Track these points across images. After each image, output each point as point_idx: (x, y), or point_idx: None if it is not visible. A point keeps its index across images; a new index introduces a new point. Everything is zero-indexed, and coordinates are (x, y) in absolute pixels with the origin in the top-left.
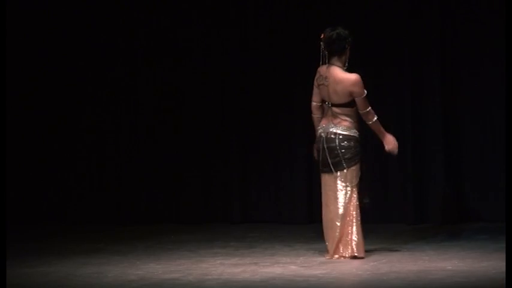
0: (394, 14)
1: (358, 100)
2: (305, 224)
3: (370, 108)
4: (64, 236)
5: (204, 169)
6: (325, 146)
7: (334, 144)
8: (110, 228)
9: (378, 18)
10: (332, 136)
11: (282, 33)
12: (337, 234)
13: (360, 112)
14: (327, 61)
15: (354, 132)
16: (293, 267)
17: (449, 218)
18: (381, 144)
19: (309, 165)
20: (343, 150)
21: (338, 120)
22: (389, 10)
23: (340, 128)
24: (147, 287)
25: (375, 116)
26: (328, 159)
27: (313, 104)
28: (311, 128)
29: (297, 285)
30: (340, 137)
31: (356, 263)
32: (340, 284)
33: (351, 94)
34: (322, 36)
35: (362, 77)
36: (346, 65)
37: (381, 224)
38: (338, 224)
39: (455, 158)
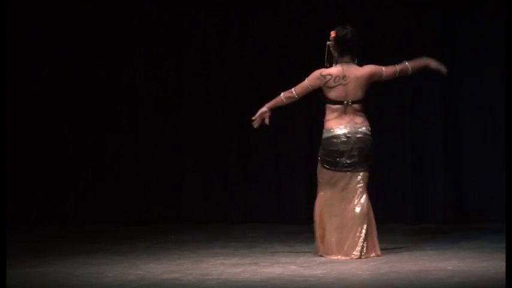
0: (394, 13)
1: (386, 73)
2: (305, 224)
3: (397, 66)
4: (64, 236)
5: (204, 169)
6: (355, 146)
7: (364, 145)
8: (110, 228)
9: (378, 18)
10: (365, 137)
11: (282, 33)
12: (362, 234)
13: (397, 76)
14: (335, 60)
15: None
16: (293, 267)
17: (449, 218)
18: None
19: (309, 165)
20: (370, 152)
21: (361, 119)
22: (389, 10)
23: (366, 129)
24: (147, 287)
25: (406, 63)
26: (358, 159)
27: (294, 94)
28: (311, 128)
29: (297, 285)
30: (370, 138)
31: (356, 263)
32: (340, 284)
33: (373, 82)
34: (333, 35)
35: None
36: (356, 62)
37: (381, 224)
38: (364, 223)
39: (455, 158)
